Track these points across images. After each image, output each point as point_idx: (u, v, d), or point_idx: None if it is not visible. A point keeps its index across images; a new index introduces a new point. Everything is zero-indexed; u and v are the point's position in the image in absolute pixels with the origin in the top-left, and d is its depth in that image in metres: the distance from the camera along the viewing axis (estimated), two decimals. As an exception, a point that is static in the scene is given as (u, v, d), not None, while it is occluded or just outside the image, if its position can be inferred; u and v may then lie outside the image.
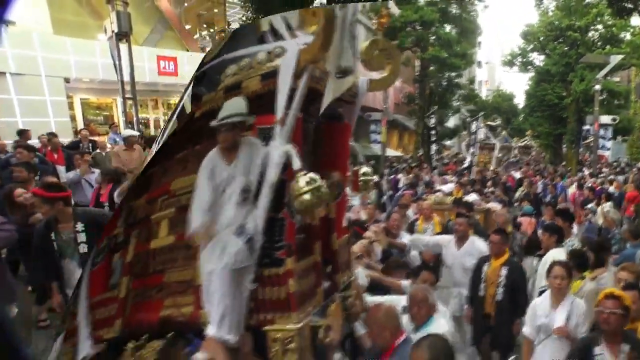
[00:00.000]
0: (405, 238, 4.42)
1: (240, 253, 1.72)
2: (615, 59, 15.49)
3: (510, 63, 24.40)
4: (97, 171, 6.23)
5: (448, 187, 9.24)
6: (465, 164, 16.28)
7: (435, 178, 12.26)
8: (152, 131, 13.83)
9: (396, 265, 3.50)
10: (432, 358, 1.67)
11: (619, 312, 2.33)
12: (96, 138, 11.38)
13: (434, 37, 18.11)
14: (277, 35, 1.77)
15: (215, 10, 15.62)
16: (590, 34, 21.13)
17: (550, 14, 22.08)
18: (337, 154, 2.08)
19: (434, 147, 21.06)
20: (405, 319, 2.43)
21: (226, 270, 1.72)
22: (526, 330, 3.18)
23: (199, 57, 14.86)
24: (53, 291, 3.21)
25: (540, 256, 4.11)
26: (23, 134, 8.26)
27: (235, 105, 1.69)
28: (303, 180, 1.67)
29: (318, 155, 2.03)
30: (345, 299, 2.24)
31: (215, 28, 16.23)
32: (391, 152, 20.29)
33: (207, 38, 16.84)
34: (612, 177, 11.60)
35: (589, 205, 8.11)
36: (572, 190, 10.64)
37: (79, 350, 2.14)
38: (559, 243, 4.05)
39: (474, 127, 18.87)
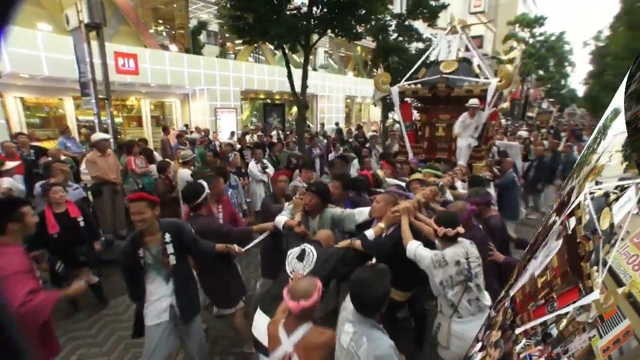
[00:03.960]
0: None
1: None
2: None
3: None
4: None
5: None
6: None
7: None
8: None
9: None
10: None
11: None
12: (37, 144, 9.57)
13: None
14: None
15: (175, 5, 14.35)
16: None
17: None
18: None
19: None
20: None
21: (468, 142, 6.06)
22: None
23: (160, 54, 13.56)
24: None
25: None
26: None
27: None
28: None
29: None
30: None
31: (176, 24, 14.90)
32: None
33: (164, 34, 15.37)
34: None
35: None
36: None
37: None
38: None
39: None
